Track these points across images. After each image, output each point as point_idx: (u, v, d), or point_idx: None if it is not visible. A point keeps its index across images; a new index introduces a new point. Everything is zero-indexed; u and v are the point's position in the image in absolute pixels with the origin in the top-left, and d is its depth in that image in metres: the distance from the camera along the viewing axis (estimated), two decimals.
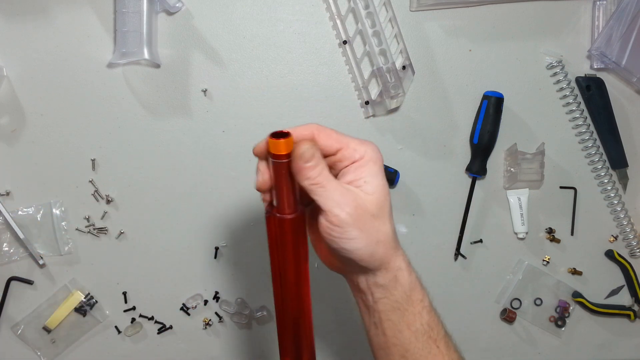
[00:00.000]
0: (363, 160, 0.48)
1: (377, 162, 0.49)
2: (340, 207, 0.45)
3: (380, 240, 0.47)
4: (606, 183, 0.87)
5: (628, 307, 0.89)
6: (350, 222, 0.45)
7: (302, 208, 0.49)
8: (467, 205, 0.85)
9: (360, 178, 0.48)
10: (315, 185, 0.45)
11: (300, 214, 0.49)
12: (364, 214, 0.46)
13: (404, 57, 0.81)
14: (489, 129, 0.82)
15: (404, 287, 0.50)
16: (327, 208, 0.45)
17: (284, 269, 0.51)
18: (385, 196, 0.48)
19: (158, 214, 0.83)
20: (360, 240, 0.46)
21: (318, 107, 0.83)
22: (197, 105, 0.82)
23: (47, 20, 0.79)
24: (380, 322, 0.51)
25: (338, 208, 0.45)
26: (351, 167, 0.48)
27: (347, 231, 0.45)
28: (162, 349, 0.86)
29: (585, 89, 0.85)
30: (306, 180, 0.45)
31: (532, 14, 0.84)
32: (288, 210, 0.48)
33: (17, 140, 0.81)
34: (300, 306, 0.53)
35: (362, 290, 0.51)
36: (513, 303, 0.89)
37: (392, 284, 0.49)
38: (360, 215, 0.46)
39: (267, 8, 0.81)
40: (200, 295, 0.85)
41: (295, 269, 0.51)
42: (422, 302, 0.51)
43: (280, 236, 0.49)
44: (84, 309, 0.83)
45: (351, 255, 0.47)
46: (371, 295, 0.50)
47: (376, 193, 0.47)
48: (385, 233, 0.48)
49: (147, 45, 0.77)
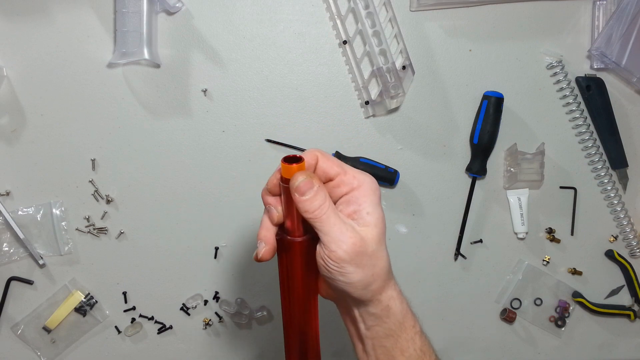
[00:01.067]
0: (362, 189, 0.48)
1: (376, 192, 0.49)
2: (337, 244, 0.45)
3: (375, 274, 0.47)
4: (606, 183, 0.87)
5: (628, 307, 0.89)
6: (347, 260, 0.45)
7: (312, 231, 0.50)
8: (467, 205, 0.85)
9: (363, 209, 0.47)
10: (314, 220, 0.46)
11: (309, 237, 0.49)
12: (362, 251, 0.46)
13: (404, 57, 0.81)
14: (489, 129, 0.82)
15: (397, 315, 0.50)
16: (325, 242, 0.46)
17: (292, 289, 0.51)
18: (384, 228, 0.48)
19: (158, 214, 0.83)
20: (355, 275, 0.46)
21: (318, 107, 0.83)
22: (197, 105, 0.82)
23: (47, 20, 0.79)
24: (373, 349, 0.51)
25: (335, 245, 0.45)
26: (352, 196, 0.48)
27: (343, 267, 0.46)
28: (162, 349, 0.86)
29: (585, 89, 0.85)
30: (305, 213, 0.46)
31: (532, 14, 0.84)
32: (297, 233, 0.49)
33: (17, 140, 0.81)
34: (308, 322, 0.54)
35: (355, 319, 0.52)
36: (513, 303, 0.89)
37: (385, 313, 0.49)
38: (357, 253, 0.46)
39: (267, 8, 0.81)
40: (200, 295, 0.85)
41: (305, 292, 0.52)
42: (414, 328, 0.51)
43: (290, 260, 0.50)
44: (84, 309, 0.83)
45: (345, 287, 0.47)
46: (363, 323, 0.51)
47: (377, 225, 0.47)
48: (380, 267, 0.48)
49: (147, 45, 0.77)
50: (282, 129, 0.83)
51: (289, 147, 0.83)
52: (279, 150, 0.83)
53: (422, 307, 0.87)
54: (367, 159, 0.83)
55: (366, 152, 0.84)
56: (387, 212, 0.85)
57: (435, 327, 0.89)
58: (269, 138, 0.83)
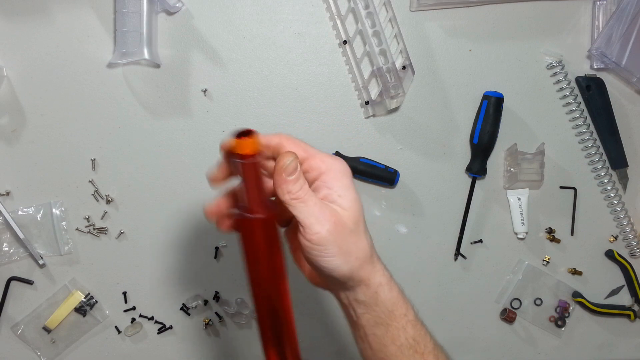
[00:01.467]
0: (332, 172, 0.47)
1: (346, 174, 0.48)
2: (320, 223, 0.45)
3: (358, 257, 0.47)
4: (606, 183, 0.87)
5: (628, 307, 0.89)
6: (330, 240, 0.45)
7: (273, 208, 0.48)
8: (467, 205, 0.85)
9: (334, 192, 0.47)
10: (296, 200, 0.45)
11: (271, 214, 0.48)
12: (342, 230, 0.46)
13: (404, 57, 0.81)
14: (489, 129, 0.82)
15: (385, 303, 0.49)
16: (307, 224, 0.45)
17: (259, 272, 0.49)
18: (360, 210, 0.48)
19: (158, 214, 0.83)
20: (339, 257, 0.46)
21: (318, 107, 0.83)
22: (197, 105, 0.82)
23: (47, 20, 0.79)
24: (365, 336, 0.51)
25: (319, 225, 0.45)
26: (322, 181, 0.47)
27: (327, 249, 0.45)
28: (162, 349, 0.86)
29: (585, 89, 0.85)
30: (287, 194, 0.45)
31: (532, 14, 0.84)
32: (257, 209, 0.47)
33: (17, 140, 0.81)
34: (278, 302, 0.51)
35: (345, 305, 0.51)
36: (513, 303, 0.89)
37: (373, 301, 0.49)
38: (339, 232, 0.45)
39: (267, 8, 0.81)
40: (200, 295, 0.85)
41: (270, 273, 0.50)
42: (405, 317, 0.50)
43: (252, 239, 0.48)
44: (84, 309, 0.83)
45: (331, 272, 0.47)
46: (353, 310, 0.50)
47: (352, 208, 0.47)
48: (362, 249, 0.48)
49: (147, 45, 0.77)
50: (282, 129, 0.83)
51: None
52: None
53: (422, 307, 0.85)
54: (367, 159, 0.83)
55: (366, 152, 0.84)
56: (387, 212, 0.86)
57: (435, 327, 0.87)
58: None
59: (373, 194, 0.85)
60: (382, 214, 0.86)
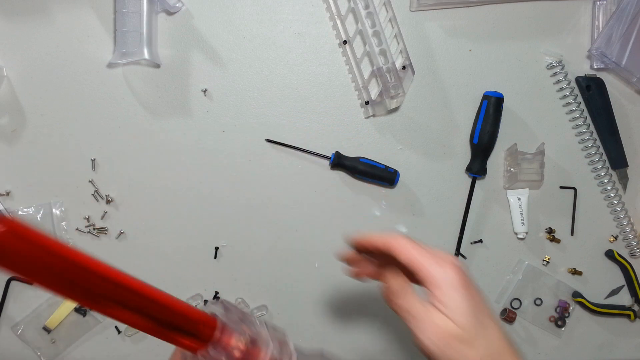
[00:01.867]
0: (441, 290, 0.47)
1: (457, 288, 0.47)
2: (426, 336, 0.46)
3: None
4: (606, 183, 0.87)
5: (628, 307, 0.89)
6: (437, 353, 0.46)
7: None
8: (467, 205, 0.85)
9: (440, 305, 0.47)
10: (406, 314, 0.48)
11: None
12: (452, 341, 0.46)
13: (404, 57, 0.81)
14: (489, 129, 0.82)
15: None
16: (415, 334, 0.47)
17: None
18: (474, 315, 0.46)
19: (158, 214, 0.83)
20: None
21: (318, 107, 0.83)
22: (197, 105, 0.82)
23: (47, 20, 0.79)
24: None
25: (424, 337, 0.46)
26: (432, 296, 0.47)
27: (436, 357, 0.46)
28: (162, 349, 0.86)
29: (585, 89, 0.85)
30: (396, 306, 0.49)
31: (532, 14, 0.84)
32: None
33: (17, 140, 0.81)
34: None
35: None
36: (513, 303, 0.89)
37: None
38: (447, 345, 0.46)
39: (267, 8, 0.81)
40: (200, 295, 0.85)
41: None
42: None
43: None
44: (84, 309, 0.83)
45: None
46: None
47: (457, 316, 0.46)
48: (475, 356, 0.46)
49: (147, 45, 0.77)
50: (282, 129, 0.83)
51: (289, 147, 0.83)
52: (279, 150, 0.83)
53: None
54: (367, 159, 0.83)
55: (366, 152, 0.84)
56: (387, 212, 0.86)
57: None
58: (269, 138, 0.83)
59: (373, 194, 0.85)
60: (382, 214, 0.86)
